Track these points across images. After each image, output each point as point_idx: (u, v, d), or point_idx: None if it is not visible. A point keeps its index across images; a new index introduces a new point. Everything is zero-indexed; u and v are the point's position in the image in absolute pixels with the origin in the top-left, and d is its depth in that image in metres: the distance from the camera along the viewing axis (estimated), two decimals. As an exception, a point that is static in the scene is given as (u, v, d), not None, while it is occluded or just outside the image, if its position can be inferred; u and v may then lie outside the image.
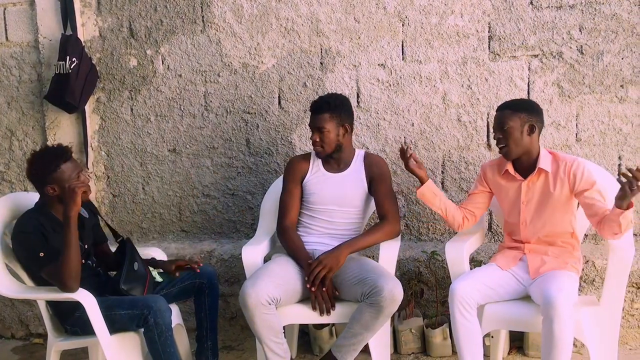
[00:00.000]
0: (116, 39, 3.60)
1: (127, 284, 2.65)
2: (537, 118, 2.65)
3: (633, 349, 3.14)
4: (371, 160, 2.96)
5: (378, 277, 2.61)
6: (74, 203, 2.44)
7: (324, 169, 2.95)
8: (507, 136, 2.63)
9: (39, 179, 2.58)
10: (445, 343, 3.12)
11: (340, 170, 2.94)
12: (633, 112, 3.19)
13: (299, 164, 2.98)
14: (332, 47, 3.40)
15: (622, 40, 3.14)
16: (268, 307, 2.57)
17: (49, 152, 2.61)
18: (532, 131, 2.62)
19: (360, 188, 2.92)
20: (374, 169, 2.92)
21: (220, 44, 3.50)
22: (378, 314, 2.57)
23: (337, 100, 2.89)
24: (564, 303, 2.33)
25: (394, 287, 2.56)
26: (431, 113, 3.35)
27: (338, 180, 2.92)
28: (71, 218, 2.43)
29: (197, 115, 3.59)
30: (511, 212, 2.75)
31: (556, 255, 2.66)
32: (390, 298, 2.54)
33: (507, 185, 2.74)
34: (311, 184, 2.93)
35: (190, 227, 3.70)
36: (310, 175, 2.95)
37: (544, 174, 2.65)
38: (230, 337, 3.50)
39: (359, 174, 2.93)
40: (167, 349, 2.52)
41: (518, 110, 2.63)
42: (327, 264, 2.68)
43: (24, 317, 3.67)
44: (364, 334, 2.64)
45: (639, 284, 3.10)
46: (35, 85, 3.68)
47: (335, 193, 2.90)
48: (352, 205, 2.91)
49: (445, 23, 3.28)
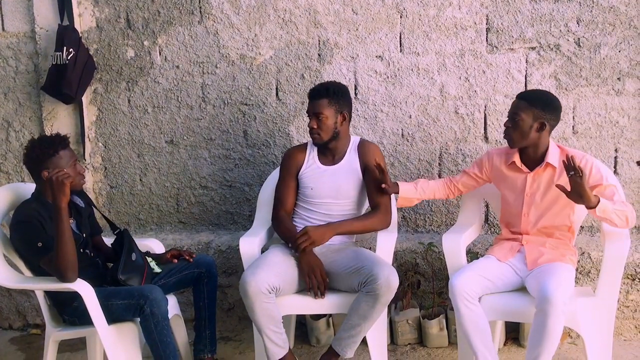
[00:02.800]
0: (113, 30, 3.59)
1: (125, 274, 2.65)
2: (551, 115, 2.61)
3: (628, 340, 3.16)
4: (365, 149, 2.93)
5: (373, 266, 2.62)
6: (63, 194, 2.43)
7: (319, 162, 2.95)
8: (515, 127, 2.62)
9: (37, 164, 2.58)
10: (442, 334, 3.14)
11: (335, 162, 2.94)
12: (630, 105, 3.20)
13: (295, 156, 2.98)
14: (329, 39, 3.39)
15: (619, 33, 3.15)
16: (268, 296, 2.59)
17: (48, 138, 2.63)
18: (541, 128, 2.60)
19: (355, 179, 2.92)
20: (368, 158, 2.90)
21: (218, 35, 3.49)
22: (375, 302, 2.58)
23: (336, 87, 2.88)
24: (560, 300, 2.35)
25: (389, 274, 2.57)
26: (429, 105, 3.36)
27: (333, 173, 2.92)
28: (62, 209, 2.43)
29: (194, 106, 3.58)
30: (513, 203, 2.76)
31: (554, 247, 2.68)
32: (386, 285, 2.56)
33: (512, 176, 2.74)
34: (307, 177, 2.94)
35: (187, 218, 3.70)
36: (305, 167, 2.95)
37: (551, 168, 2.65)
38: (227, 328, 3.51)
39: (353, 164, 2.93)
40: (163, 339, 2.53)
41: (534, 104, 2.59)
42: (312, 236, 2.72)
43: (21, 307, 3.67)
44: (362, 324, 2.65)
45: (634, 275, 3.12)
46: (32, 76, 3.67)
47: (330, 186, 2.90)
48: (347, 196, 2.92)
49: (443, 15, 3.28)
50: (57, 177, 2.42)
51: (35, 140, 2.64)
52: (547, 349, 2.39)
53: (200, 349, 2.92)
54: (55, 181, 2.42)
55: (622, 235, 2.64)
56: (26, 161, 2.62)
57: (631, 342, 3.14)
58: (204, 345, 2.91)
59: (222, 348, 3.22)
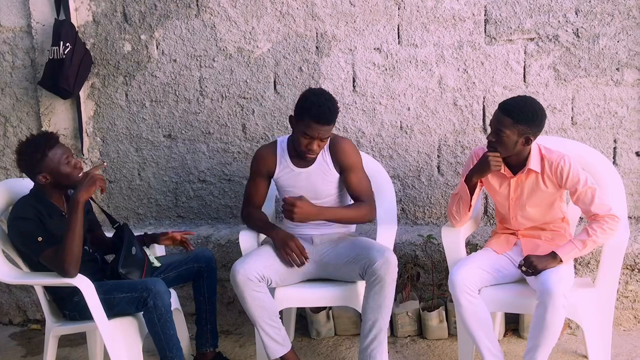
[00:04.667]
0: (110, 24, 3.58)
1: (125, 268, 2.65)
2: (537, 129, 2.55)
3: (627, 330, 3.17)
4: (337, 147, 2.81)
5: (369, 251, 2.63)
6: (87, 192, 2.47)
7: (292, 165, 2.84)
8: (500, 142, 2.55)
9: (29, 169, 2.58)
10: (442, 326, 3.14)
11: (309, 164, 2.82)
12: (628, 95, 3.19)
13: (265, 158, 2.86)
14: (327, 31, 3.38)
15: (618, 23, 3.14)
16: (257, 284, 2.59)
17: (34, 141, 2.57)
18: (527, 143, 2.55)
19: (331, 178, 2.83)
20: (342, 158, 2.80)
21: (215, 29, 3.48)
22: (382, 286, 2.57)
23: (337, 105, 2.73)
24: (561, 293, 2.36)
25: (385, 253, 2.58)
26: (427, 97, 3.35)
27: (308, 175, 2.83)
28: (80, 203, 2.45)
29: (192, 100, 3.57)
30: (501, 205, 2.76)
31: (549, 239, 2.68)
32: (386, 264, 2.55)
33: (496, 179, 2.70)
34: (283, 180, 2.86)
35: (186, 212, 3.70)
36: (279, 171, 2.85)
37: (534, 173, 2.62)
38: (227, 321, 3.51)
39: (327, 164, 2.82)
40: (167, 331, 2.54)
41: (519, 122, 2.50)
42: (299, 210, 2.64)
43: (21, 303, 3.68)
44: (378, 318, 2.60)
45: (633, 266, 3.12)
46: (28, 71, 3.65)
47: (307, 188, 2.81)
48: (326, 195, 2.85)
49: (441, 6, 3.26)
50: (94, 176, 2.48)
51: (22, 144, 2.59)
52: (548, 341, 2.41)
53: (202, 343, 2.92)
54: (89, 179, 2.47)
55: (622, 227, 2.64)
56: (19, 166, 2.61)
57: (630, 332, 3.15)
58: (205, 340, 2.92)
59: (222, 342, 3.22)
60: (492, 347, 2.54)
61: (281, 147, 2.88)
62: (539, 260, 2.48)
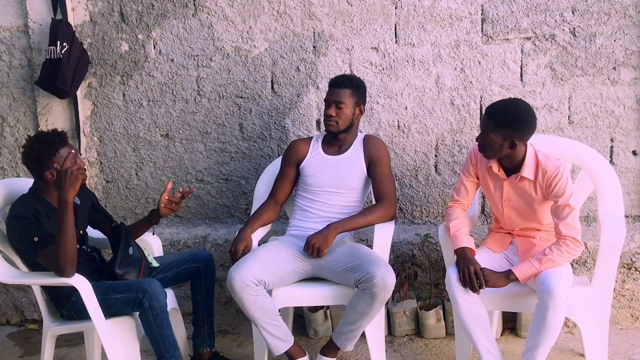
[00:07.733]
0: (107, 24, 3.57)
1: (123, 268, 2.65)
2: (522, 133, 2.51)
3: (624, 329, 3.18)
4: (370, 142, 2.96)
5: (370, 264, 2.60)
6: (73, 188, 2.42)
7: (322, 152, 2.97)
8: (486, 145, 2.55)
9: (37, 164, 2.56)
10: (439, 325, 3.15)
11: (340, 152, 2.96)
12: (625, 94, 3.20)
13: (298, 147, 3.01)
14: (324, 31, 3.38)
15: (614, 22, 3.15)
16: (255, 289, 2.59)
17: (47, 136, 2.59)
18: (513, 146, 2.52)
19: (359, 170, 2.92)
20: (373, 151, 2.93)
21: (212, 28, 3.48)
22: (372, 301, 2.58)
23: (359, 81, 2.94)
24: (562, 293, 2.36)
25: (385, 274, 2.56)
26: (424, 96, 3.36)
27: (336, 162, 2.93)
28: (68, 203, 2.42)
29: (189, 100, 3.57)
30: (494, 205, 2.76)
31: (544, 239, 2.68)
32: (382, 285, 2.55)
33: (491, 179, 2.70)
34: (309, 165, 2.96)
35: (184, 212, 3.70)
36: (308, 157, 2.98)
37: (527, 179, 2.61)
38: (225, 321, 3.52)
39: (357, 156, 2.93)
40: (163, 332, 2.53)
41: (502, 126, 2.48)
42: (316, 243, 2.71)
43: (18, 303, 3.67)
44: (360, 320, 2.65)
45: (629, 264, 3.13)
46: (25, 71, 3.65)
47: (333, 175, 2.91)
48: (349, 187, 2.91)
49: (439, 6, 3.27)
50: (72, 171, 2.41)
51: (33, 139, 2.58)
52: (547, 341, 2.40)
53: (199, 343, 2.92)
54: (70, 175, 2.41)
55: (618, 225, 2.64)
56: (26, 162, 2.59)
57: (627, 330, 3.16)
58: (202, 340, 2.92)
59: (220, 341, 3.23)
60: (490, 346, 2.54)
61: (316, 138, 3.03)
62: (492, 275, 2.49)
